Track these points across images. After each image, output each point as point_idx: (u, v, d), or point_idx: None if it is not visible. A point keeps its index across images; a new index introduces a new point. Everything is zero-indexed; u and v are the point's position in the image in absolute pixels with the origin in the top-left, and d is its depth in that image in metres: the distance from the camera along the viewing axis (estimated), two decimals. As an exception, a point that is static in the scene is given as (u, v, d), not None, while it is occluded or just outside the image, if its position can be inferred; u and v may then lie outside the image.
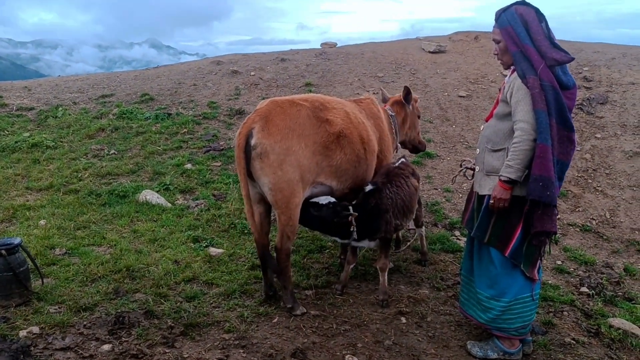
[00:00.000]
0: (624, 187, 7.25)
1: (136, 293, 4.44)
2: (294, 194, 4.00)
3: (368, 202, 4.39)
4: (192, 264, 5.03)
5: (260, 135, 3.90)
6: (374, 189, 4.43)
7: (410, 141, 5.62)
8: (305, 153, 4.00)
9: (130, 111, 9.51)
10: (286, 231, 4.11)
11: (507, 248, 3.71)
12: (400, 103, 5.36)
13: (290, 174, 3.94)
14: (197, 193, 6.84)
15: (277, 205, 4.04)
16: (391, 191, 4.45)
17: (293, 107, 4.10)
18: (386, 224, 4.39)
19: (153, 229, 5.76)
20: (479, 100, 9.55)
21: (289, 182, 3.95)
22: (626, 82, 9.48)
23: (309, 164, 4.05)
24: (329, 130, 4.17)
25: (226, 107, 9.84)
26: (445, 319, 4.40)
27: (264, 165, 3.92)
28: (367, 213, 4.35)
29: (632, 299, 5.10)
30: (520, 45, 3.52)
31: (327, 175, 4.25)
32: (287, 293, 4.27)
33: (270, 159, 3.89)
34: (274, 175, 3.92)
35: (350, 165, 4.35)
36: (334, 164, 4.23)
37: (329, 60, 11.56)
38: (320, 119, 4.18)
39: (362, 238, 4.43)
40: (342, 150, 4.25)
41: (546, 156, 3.39)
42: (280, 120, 3.97)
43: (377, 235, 4.44)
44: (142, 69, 12.88)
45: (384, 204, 4.38)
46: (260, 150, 3.89)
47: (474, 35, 12.32)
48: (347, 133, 4.28)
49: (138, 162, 7.71)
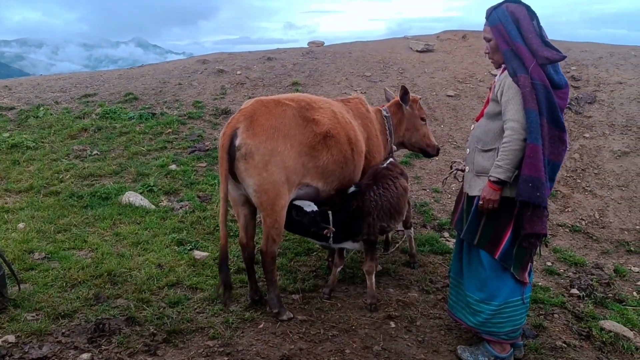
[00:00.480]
0: (613, 187, 7.23)
1: (117, 299, 4.31)
2: (279, 196, 3.91)
3: (350, 204, 4.31)
4: (176, 267, 4.91)
5: (244, 136, 3.80)
6: (357, 191, 4.34)
7: (412, 143, 5.41)
8: (290, 154, 3.91)
9: (114, 111, 9.36)
10: (272, 234, 4.02)
11: (497, 250, 3.63)
12: (397, 104, 5.24)
13: (275, 175, 3.85)
14: (182, 194, 6.71)
15: (262, 207, 3.95)
16: (376, 193, 4.36)
17: (278, 107, 4.01)
18: (369, 227, 4.30)
19: (136, 232, 5.63)
20: (467, 100, 9.50)
21: (274, 184, 3.86)
22: (614, 81, 9.48)
23: (295, 165, 3.96)
24: (315, 131, 4.08)
25: (212, 106, 9.71)
26: (435, 322, 4.32)
27: (248, 167, 3.83)
28: (349, 215, 4.28)
29: (622, 300, 5.06)
30: (511, 44, 3.45)
31: (314, 176, 4.16)
32: (273, 297, 4.17)
33: (255, 159, 3.80)
34: (259, 176, 3.83)
35: (337, 166, 4.26)
36: (320, 165, 4.14)
37: (316, 60, 11.45)
38: (307, 118, 4.09)
39: (344, 240, 4.35)
40: (329, 151, 4.16)
41: (536, 156, 3.32)
42: (266, 120, 3.87)
43: (359, 238, 4.35)
44: (128, 67, 12.69)
45: (367, 206, 4.29)
46: (245, 150, 3.80)
47: (462, 34, 12.26)
48: (334, 133, 4.19)
49: (121, 163, 7.56)
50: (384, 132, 5.08)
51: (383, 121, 5.10)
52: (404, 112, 5.22)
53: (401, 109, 5.22)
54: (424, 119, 5.33)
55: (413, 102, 5.26)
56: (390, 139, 5.12)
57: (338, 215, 4.27)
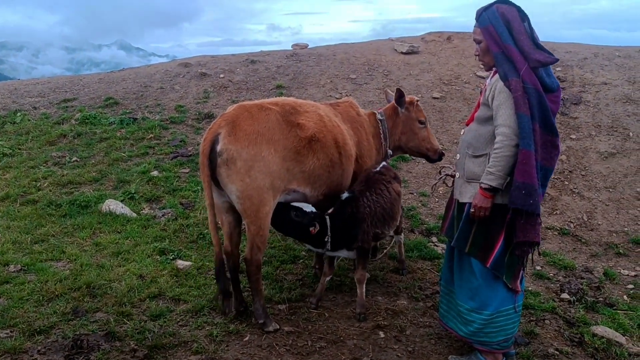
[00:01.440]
0: (600, 189, 7.20)
1: (97, 312, 4.15)
2: (263, 202, 3.81)
3: (344, 210, 4.20)
4: (158, 278, 4.76)
5: (226, 141, 3.71)
6: (351, 197, 4.23)
7: (410, 148, 5.20)
8: (274, 159, 3.81)
9: (94, 116, 9.18)
10: (256, 242, 3.91)
11: (488, 258, 3.54)
12: (393, 106, 5.08)
13: (259, 181, 3.75)
14: (164, 202, 6.55)
15: (245, 214, 3.84)
16: (369, 199, 4.26)
17: (262, 112, 3.91)
18: (363, 233, 4.20)
19: (117, 241, 5.47)
20: (453, 102, 9.44)
21: (257, 190, 3.76)
22: (599, 82, 9.49)
23: (279, 170, 3.86)
24: (300, 135, 3.98)
25: (194, 110, 9.55)
26: (425, 331, 4.22)
27: (230, 173, 3.73)
28: (343, 222, 4.17)
29: (613, 304, 5.00)
30: (502, 46, 3.36)
31: (300, 181, 4.06)
32: (258, 308, 4.05)
33: (238, 165, 3.71)
34: (242, 182, 3.73)
35: (324, 170, 4.16)
36: (306, 170, 4.04)
37: (301, 62, 11.34)
38: (291, 123, 4.00)
39: (338, 248, 4.24)
40: (315, 155, 4.06)
41: (529, 162, 3.23)
42: (248, 125, 3.78)
43: (354, 245, 4.25)
44: (109, 71, 12.48)
45: (361, 212, 4.19)
46: (227, 156, 3.70)
47: (447, 35, 12.22)
48: (319, 137, 4.10)
49: (101, 170, 7.38)
50: (377, 136, 4.95)
51: (377, 125, 4.97)
52: (399, 115, 5.05)
53: (396, 111, 5.05)
54: (422, 121, 5.08)
55: (410, 104, 5.05)
56: (384, 142, 4.99)
57: (334, 221, 4.16)
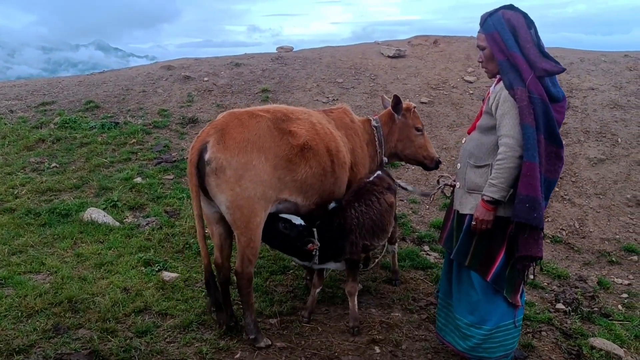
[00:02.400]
0: (591, 195, 7.17)
1: (79, 329, 3.95)
2: (254, 213, 3.67)
3: (331, 221, 4.07)
4: (143, 291, 4.56)
5: (215, 149, 3.57)
6: (337, 207, 4.11)
7: (406, 155, 5.05)
8: (266, 168, 3.68)
9: (74, 120, 8.92)
10: (247, 254, 3.77)
11: (489, 272, 3.45)
12: (389, 113, 4.94)
13: (249, 191, 3.61)
14: (148, 210, 6.34)
15: (235, 225, 3.71)
16: (357, 210, 4.12)
17: (252, 119, 3.78)
18: (351, 245, 4.07)
19: (99, 252, 5.25)
20: (441, 107, 9.37)
21: (248, 200, 3.62)
22: (586, 87, 9.49)
23: (271, 179, 3.72)
24: (292, 143, 3.86)
25: (178, 115, 9.34)
26: (422, 345, 4.11)
27: (220, 182, 3.59)
28: (330, 233, 4.04)
29: (609, 314, 4.94)
30: (508, 54, 3.25)
31: (292, 190, 3.93)
32: (250, 322, 3.90)
33: (227, 174, 3.57)
34: (232, 192, 3.60)
35: (317, 179, 4.04)
36: (298, 179, 3.91)
37: (286, 65, 11.19)
38: (283, 130, 3.87)
39: (326, 260, 4.11)
40: (307, 164, 3.94)
41: (533, 175, 3.13)
42: (238, 132, 3.65)
43: (342, 257, 4.12)
44: (88, 72, 12.20)
45: (348, 223, 4.06)
46: (216, 165, 3.57)
47: (433, 39, 12.17)
48: (312, 145, 3.97)
49: (82, 176, 7.14)
50: (372, 143, 4.81)
51: (372, 131, 4.84)
52: (395, 122, 4.90)
53: (392, 118, 4.91)
54: (419, 129, 4.94)
55: (406, 111, 4.91)
56: (380, 150, 4.86)
57: (321, 232, 4.03)
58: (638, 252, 6.25)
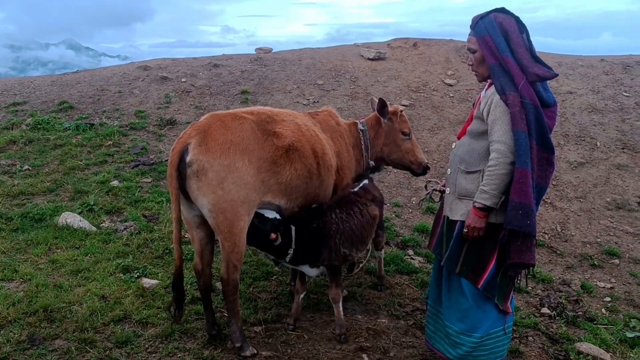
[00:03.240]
0: (572, 199, 7.23)
1: (56, 340, 3.80)
2: (238, 217, 3.57)
3: (310, 222, 3.98)
4: (122, 299, 4.42)
5: (196, 151, 3.48)
6: (318, 207, 4.04)
7: (393, 160, 4.95)
8: (249, 170, 3.59)
9: (47, 121, 8.68)
10: (232, 260, 3.67)
11: (480, 280, 3.40)
12: (375, 116, 4.86)
13: (233, 194, 3.52)
14: (126, 214, 6.16)
15: (219, 229, 3.61)
16: (338, 216, 4.03)
17: (235, 121, 3.70)
18: (330, 251, 3.97)
19: (75, 258, 5.07)
20: (421, 110, 9.36)
21: (231, 203, 3.52)
22: (564, 91, 9.60)
23: (254, 181, 3.63)
24: (276, 144, 3.78)
25: (156, 116, 9.16)
26: (409, 352, 4.05)
27: (201, 185, 3.50)
28: (310, 234, 3.95)
29: (593, 319, 4.97)
30: (500, 58, 3.21)
31: (276, 193, 3.85)
32: (235, 330, 3.80)
33: (209, 177, 3.48)
34: (214, 195, 3.50)
35: (302, 181, 3.96)
36: (283, 181, 3.83)
37: (265, 67, 11.07)
38: (267, 132, 3.79)
39: (300, 262, 4.02)
40: (292, 166, 3.86)
41: (526, 181, 3.10)
42: (220, 134, 3.56)
43: (320, 262, 4.02)
44: (58, 71, 11.91)
45: (327, 228, 3.97)
46: (197, 167, 3.47)
47: (413, 42, 12.17)
48: (298, 146, 3.90)
49: (56, 180, 6.92)
50: (358, 146, 4.74)
51: (358, 135, 4.76)
52: (382, 125, 4.82)
53: (379, 121, 4.82)
54: (406, 133, 4.83)
55: (393, 115, 4.81)
56: (366, 154, 4.78)
57: (300, 232, 3.93)
58: (619, 256, 6.32)
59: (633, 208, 7.17)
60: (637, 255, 6.38)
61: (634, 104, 9.28)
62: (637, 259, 6.32)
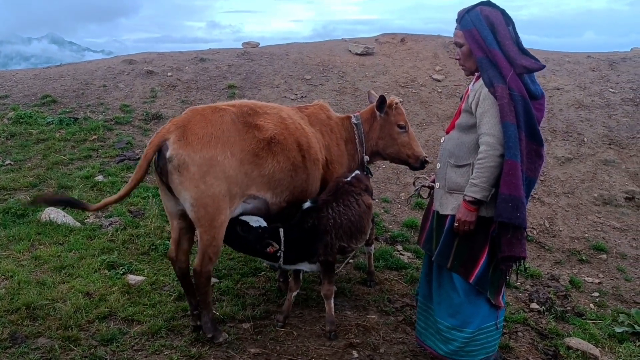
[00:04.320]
0: (559, 194, 7.25)
1: (38, 338, 3.71)
2: (219, 210, 3.57)
3: (304, 222, 3.94)
4: (107, 296, 4.33)
5: (176, 146, 3.46)
6: (312, 207, 3.98)
7: (389, 154, 4.83)
8: (231, 163, 3.58)
9: (29, 115, 8.51)
10: (208, 252, 3.65)
11: (471, 274, 3.37)
12: (371, 110, 4.75)
13: (215, 188, 3.51)
14: (111, 209, 6.04)
15: (199, 223, 3.59)
16: (335, 210, 3.99)
17: (215, 113, 3.69)
18: (325, 247, 3.93)
19: (59, 255, 4.96)
20: (410, 105, 9.33)
21: (213, 197, 3.52)
22: (551, 87, 9.63)
23: (237, 174, 3.62)
24: (258, 137, 3.76)
25: (141, 110, 9.03)
26: (399, 348, 4.01)
27: (183, 179, 3.48)
28: (302, 234, 3.92)
29: (582, 314, 4.98)
30: (487, 51, 3.19)
31: (260, 186, 3.81)
32: (207, 321, 3.80)
33: (191, 171, 3.47)
34: (196, 189, 3.49)
35: (286, 174, 3.93)
36: (266, 174, 3.80)
37: (252, 61, 10.97)
38: (248, 124, 3.77)
39: (297, 261, 3.99)
40: (275, 158, 3.83)
41: (515, 174, 3.07)
42: (200, 128, 3.55)
43: (316, 259, 3.98)
44: (41, 66, 11.71)
45: (323, 224, 3.93)
46: (178, 162, 3.45)
47: (401, 37, 12.14)
48: (279, 139, 3.87)
49: (39, 175, 6.78)
50: (351, 140, 4.67)
51: (351, 129, 4.69)
52: (376, 119, 4.71)
53: (374, 115, 4.71)
54: (402, 126, 4.69)
55: (388, 107, 4.66)
56: (360, 148, 4.71)
57: (291, 233, 3.90)
58: (607, 251, 6.35)
59: (620, 204, 7.21)
60: (624, 251, 6.42)
61: (620, 100, 9.34)
62: (624, 254, 6.36)
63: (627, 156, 8.03)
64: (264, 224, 3.82)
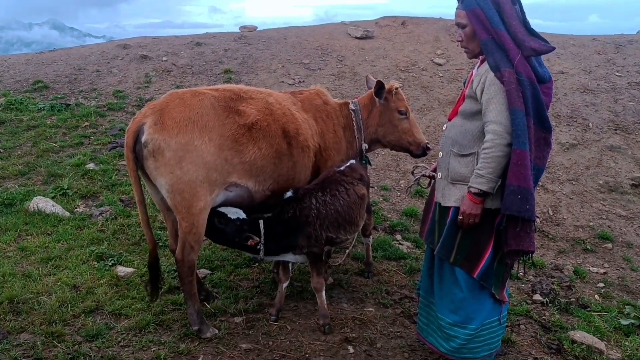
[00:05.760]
0: (564, 182, 7.07)
1: (21, 333, 3.61)
2: (196, 197, 3.49)
3: (285, 211, 3.81)
4: (95, 289, 4.22)
5: (151, 130, 3.41)
6: (292, 197, 3.84)
7: (390, 141, 4.64)
8: (209, 148, 3.49)
9: (20, 101, 8.37)
10: (189, 240, 3.58)
11: (475, 269, 3.20)
12: (369, 96, 4.57)
13: (191, 174, 3.45)
14: (102, 198, 5.91)
15: (176, 209, 3.56)
16: (320, 200, 3.82)
17: (194, 97, 3.60)
18: (309, 238, 3.78)
19: (46, 246, 4.85)
20: (410, 90, 9.11)
21: (189, 183, 3.45)
22: (556, 71, 9.39)
23: (215, 160, 3.53)
24: (238, 122, 3.65)
25: (135, 96, 8.86)
26: (397, 343, 3.87)
27: (158, 165, 3.43)
28: (284, 225, 3.79)
29: (586, 305, 4.83)
30: (493, 32, 2.98)
31: (241, 173, 3.69)
32: (192, 313, 3.72)
33: (166, 156, 3.41)
34: (172, 175, 3.44)
35: (268, 162, 3.80)
36: (247, 161, 3.69)
37: (250, 45, 10.75)
38: (229, 109, 3.67)
39: (279, 252, 3.87)
40: (256, 144, 3.72)
41: (524, 163, 2.89)
42: (177, 112, 3.46)
43: (299, 250, 3.85)
44: (38, 52, 11.51)
45: (305, 215, 3.78)
46: (153, 147, 3.40)
47: (401, 20, 11.89)
48: (262, 125, 3.75)
49: (29, 162, 6.64)
50: (349, 127, 4.49)
51: (349, 115, 4.50)
52: (376, 105, 4.51)
53: (373, 101, 4.53)
54: (403, 112, 4.51)
55: (388, 92, 4.48)
56: (358, 135, 4.52)
57: (270, 224, 3.77)
58: (612, 240, 6.19)
59: (626, 191, 7.03)
60: (630, 239, 6.25)
61: (627, 84, 9.12)
62: (630, 243, 6.19)
63: (634, 142, 7.83)
64: (243, 216, 3.72)
